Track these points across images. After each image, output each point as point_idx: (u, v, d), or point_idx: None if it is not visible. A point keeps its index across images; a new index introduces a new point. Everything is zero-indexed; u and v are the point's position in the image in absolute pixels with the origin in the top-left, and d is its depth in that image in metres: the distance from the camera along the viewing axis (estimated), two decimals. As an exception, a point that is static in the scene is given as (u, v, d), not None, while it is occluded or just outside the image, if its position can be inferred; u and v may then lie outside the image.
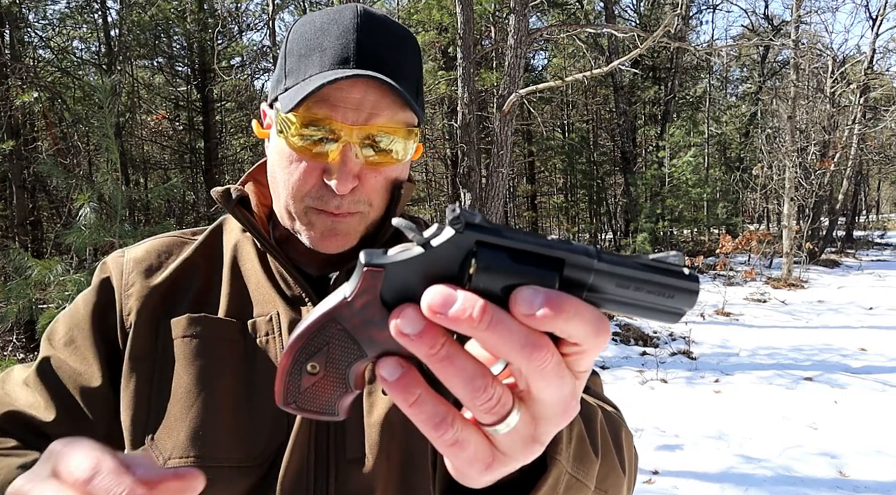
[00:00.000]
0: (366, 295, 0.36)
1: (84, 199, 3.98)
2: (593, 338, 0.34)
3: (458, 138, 6.81)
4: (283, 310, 0.74)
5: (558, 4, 15.03)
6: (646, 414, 4.78)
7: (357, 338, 0.37)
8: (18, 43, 9.92)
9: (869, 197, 35.33)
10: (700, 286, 0.37)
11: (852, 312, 8.65)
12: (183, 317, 0.73)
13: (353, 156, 0.69)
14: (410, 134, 0.74)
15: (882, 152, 21.56)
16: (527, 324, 0.33)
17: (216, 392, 0.70)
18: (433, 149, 15.82)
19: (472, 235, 0.35)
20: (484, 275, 0.34)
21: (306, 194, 0.72)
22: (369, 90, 0.69)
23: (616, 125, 17.19)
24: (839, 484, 3.58)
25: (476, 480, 0.39)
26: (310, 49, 0.71)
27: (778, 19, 20.92)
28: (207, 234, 0.83)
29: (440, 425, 0.35)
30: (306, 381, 0.38)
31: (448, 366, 0.33)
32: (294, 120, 0.69)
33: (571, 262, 0.35)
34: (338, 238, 0.74)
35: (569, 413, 0.36)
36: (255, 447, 0.68)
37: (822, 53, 15.19)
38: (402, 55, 0.74)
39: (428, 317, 0.33)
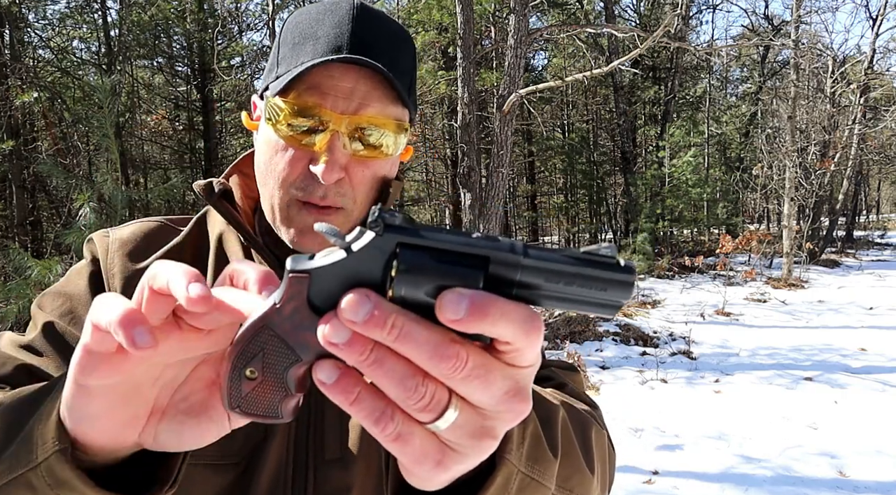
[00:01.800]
0: (293, 301, 0.36)
1: (84, 199, 3.98)
2: (523, 338, 0.34)
3: (458, 138, 6.81)
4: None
5: (558, 4, 15.03)
6: (646, 414, 4.78)
7: (290, 343, 0.37)
8: (18, 43, 9.92)
9: (869, 197, 35.33)
10: (634, 277, 0.36)
11: (852, 312, 8.65)
12: None
13: (341, 147, 0.68)
14: (401, 129, 0.72)
15: (882, 152, 21.56)
16: (454, 329, 0.33)
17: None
18: (433, 149, 15.81)
19: (393, 237, 0.34)
20: (405, 277, 0.34)
21: (291, 184, 0.70)
22: (361, 79, 0.68)
23: (616, 125, 17.20)
24: (839, 484, 3.58)
25: (430, 479, 0.38)
26: (303, 38, 0.70)
27: (778, 19, 20.93)
28: (193, 225, 0.82)
29: (380, 420, 0.35)
30: (246, 386, 0.38)
31: (377, 369, 0.34)
32: (283, 107, 0.68)
33: (496, 260, 0.34)
34: (317, 237, 0.71)
35: (516, 408, 0.36)
36: (231, 444, 0.67)
37: (822, 53, 15.20)
38: (398, 50, 0.73)
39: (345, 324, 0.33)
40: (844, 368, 5.90)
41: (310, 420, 0.69)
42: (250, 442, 0.67)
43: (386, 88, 0.70)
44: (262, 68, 13.53)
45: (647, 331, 7.49)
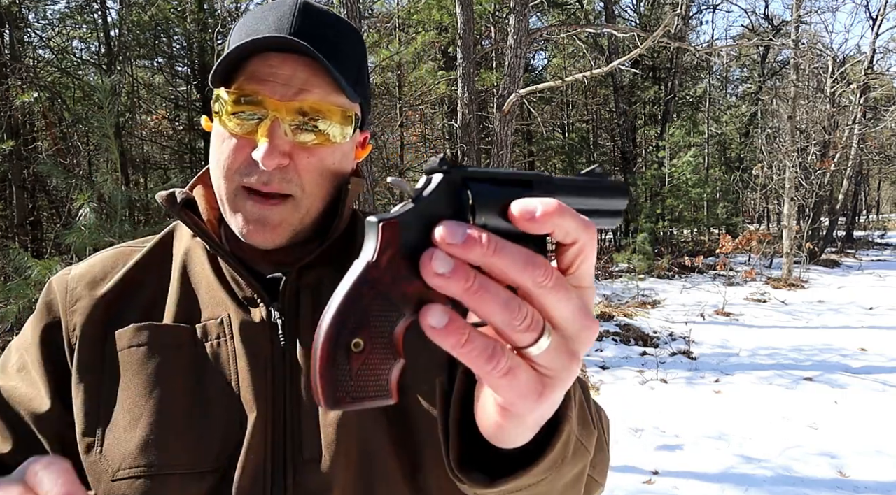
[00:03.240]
0: (388, 250, 0.37)
1: (84, 199, 3.98)
2: (585, 231, 0.38)
3: (458, 138, 6.81)
4: (233, 312, 0.72)
5: (558, 4, 15.03)
6: (646, 414, 4.78)
7: (393, 298, 0.37)
8: (18, 43, 9.92)
9: (869, 197, 35.33)
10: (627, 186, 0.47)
11: (852, 312, 8.65)
12: (129, 326, 0.72)
13: (282, 133, 0.68)
14: (347, 119, 0.72)
15: (882, 152, 21.56)
16: (530, 227, 0.37)
17: (165, 399, 0.68)
18: (433, 149, 15.81)
19: (458, 173, 0.39)
20: (481, 202, 0.38)
21: (236, 171, 0.70)
22: (300, 67, 0.69)
23: (616, 125, 17.19)
24: (839, 485, 3.58)
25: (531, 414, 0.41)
26: (248, 33, 0.71)
27: (778, 19, 20.93)
28: (156, 242, 0.81)
29: (493, 356, 0.36)
30: (355, 363, 0.36)
31: (484, 294, 0.35)
32: (226, 99, 0.69)
33: (537, 181, 0.42)
34: (266, 229, 0.71)
35: (590, 325, 0.39)
36: (208, 452, 0.67)
37: (822, 53, 15.20)
38: (340, 41, 0.73)
39: (444, 249, 0.35)
40: (844, 368, 5.90)
41: (286, 420, 0.69)
42: (228, 446, 0.67)
43: (326, 76, 0.70)
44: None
45: (647, 331, 7.49)
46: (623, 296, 9.97)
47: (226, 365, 0.70)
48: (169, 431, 0.67)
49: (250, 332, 0.71)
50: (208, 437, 0.67)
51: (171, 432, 0.67)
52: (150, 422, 0.67)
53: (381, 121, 14.58)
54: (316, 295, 0.75)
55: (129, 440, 0.67)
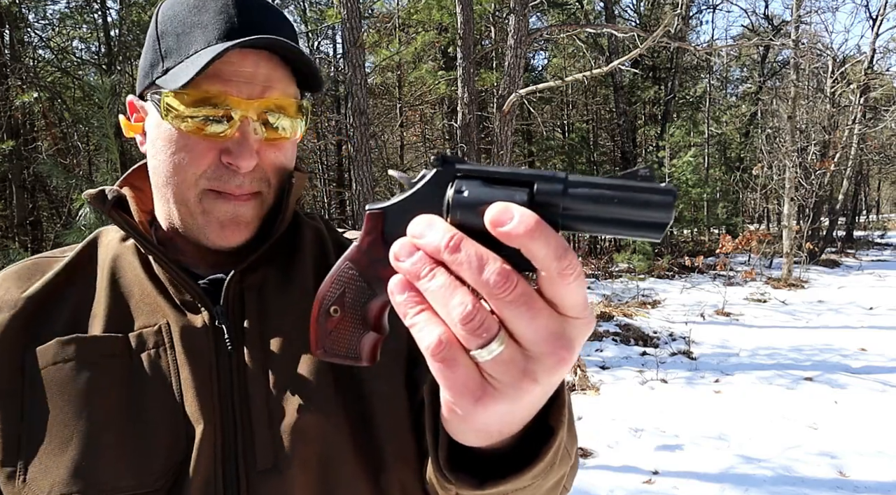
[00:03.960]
0: (370, 235, 0.42)
1: (84, 199, 3.97)
2: (555, 263, 0.35)
3: (458, 138, 6.81)
4: (173, 318, 0.68)
5: (558, 4, 15.02)
6: (646, 414, 4.78)
7: (367, 278, 0.42)
8: (18, 43, 9.92)
9: (869, 197, 35.32)
10: (674, 195, 0.36)
11: (852, 312, 8.65)
12: (51, 342, 0.65)
13: (253, 132, 0.66)
14: (300, 112, 0.71)
15: (882, 152, 21.55)
16: (499, 235, 0.35)
17: (98, 417, 0.63)
18: (433, 149, 15.80)
19: (451, 170, 0.39)
20: (459, 199, 0.38)
21: (202, 175, 0.67)
22: (261, 62, 0.67)
23: (616, 125, 17.19)
24: (839, 485, 3.58)
25: (468, 417, 0.40)
26: (188, 27, 0.67)
27: (778, 19, 20.93)
28: (78, 251, 0.75)
29: (436, 338, 0.37)
30: (330, 324, 0.43)
31: (436, 286, 0.37)
32: (181, 100, 0.65)
33: (541, 182, 0.37)
34: (240, 227, 0.69)
35: (559, 353, 0.37)
36: (150, 470, 0.62)
37: (822, 53, 15.19)
38: (284, 30, 0.71)
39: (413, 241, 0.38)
40: (844, 368, 5.90)
41: (236, 430, 0.65)
42: (171, 462, 0.63)
43: (283, 69, 0.69)
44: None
45: (647, 331, 7.49)
46: (623, 296, 9.97)
47: (166, 375, 0.65)
48: (104, 452, 0.62)
49: (192, 339, 0.67)
50: (150, 455, 0.62)
51: (107, 452, 0.62)
52: (82, 444, 0.61)
53: (381, 121, 14.57)
54: (262, 295, 0.71)
55: (59, 464, 0.61)
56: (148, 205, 0.77)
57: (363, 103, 6.61)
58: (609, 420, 4.65)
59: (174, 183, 0.68)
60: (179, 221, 0.71)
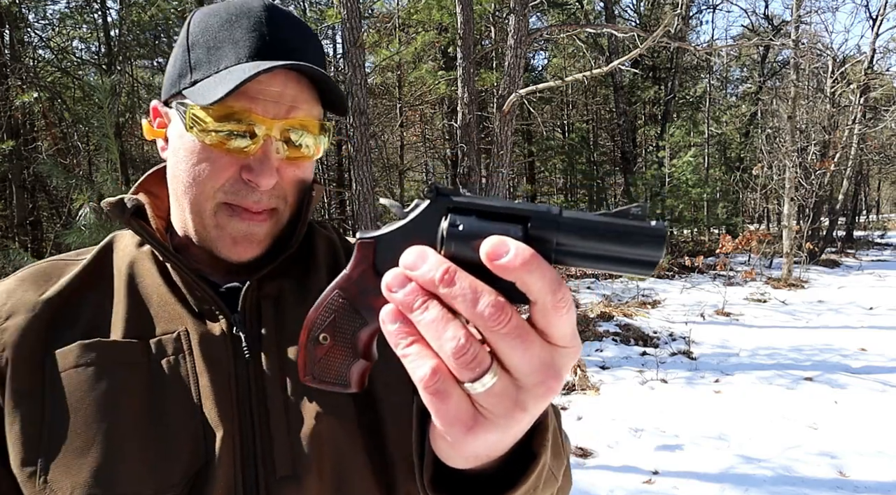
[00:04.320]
0: (361, 265, 0.42)
1: (84, 199, 3.98)
2: (550, 296, 0.36)
3: (458, 138, 6.81)
4: (191, 325, 0.69)
5: (558, 4, 15.03)
6: (646, 414, 4.78)
7: (357, 307, 0.42)
8: (18, 43, 9.92)
9: (869, 197, 35.32)
10: (665, 233, 0.38)
11: (852, 312, 8.64)
12: (73, 345, 0.66)
13: (275, 151, 0.68)
14: (323, 131, 0.73)
15: (882, 152, 21.55)
16: (494, 268, 0.36)
17: (119, 421, 0.63)
18: (433, 149, 15.81)
19: (444, 202, 0.40)
20: (453, 233, 0.38)
21: (219, 189, 0.68)
22: (289, 83, 0.68)
23: (616, 125, 17.19)
24: (839, 485, 3.58)
25: (458, 444, 0.41)
26: (219, 41, 0.69)
27: (778, 19, 20.93)
28: (94, 255, 0.76)
29: (427, 370, 0.37)
30: (319, 351, 0.43)
31: (429, 320, 0.37)
32: (210, 114, 0.66)
33: (536, 217, 0.38)
34: (252, 244, 0.71)
35: (549, 383, 0.38)
36: (169, 475, 0.62)
37: (822, 53, 15.19)
38: (312, 49, 0.73)
39: (405, 273, 0.38)
40: (844, 368, 5.90)
41: (255, 438, 0.66)
42: (192, 468, 0.63)
43: (310, 90, 0.70)
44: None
45: (647, 331, 7.49)
46: (623, 296, 9.97)
47: (185, 382, 0.66)
48: (125, 455, 0.62)
49: (211, 346, 0.68)
50: (170, 460, 0.63)
51: (129, 457, 0.62)
52: (104, 447, 0.62)
53: (381, 121, 14.57)
54: (278, 305, 0.73)
55: (81, 467, 0.62)
56: (164, 210, 0.78)
57: (363, 103, 6.61)
58: (609, 420, 4.65)
59: (192, 193, 0.69)
60: (193, 231, 0.72)
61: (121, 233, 0.79)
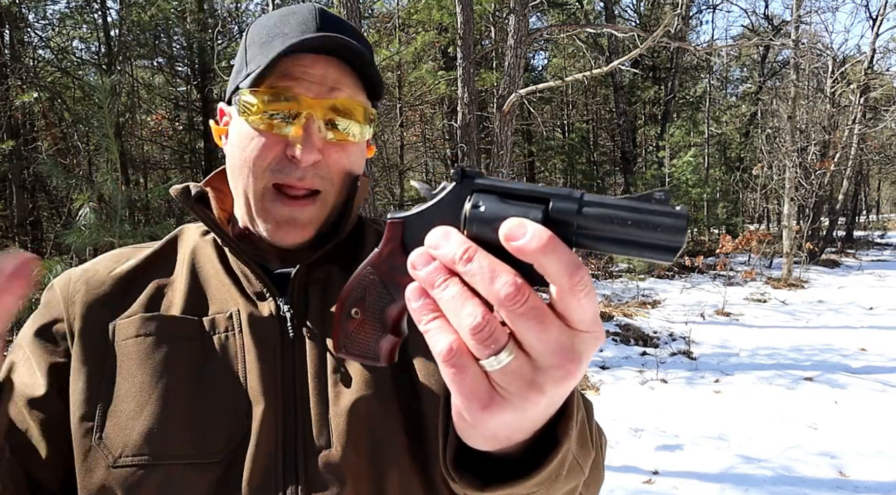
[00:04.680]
0: (390, 244, 0.44)
1: (84, 199, 3.98)
2: (567, 279, 0.36)
3: (458, 138, 6.81)
4: (242, 306, 0.74)
5: (558, 4, 15.02)
6: (646, 414, 4.78)
7: (386, 284, 0.44)
8: (18, 43, 9.92)
9: (869, 197, 35.31)
10: (686, 219, 0.37)
11: (852, 312, 8.64)
12: (136, 316, 0.73)
13: (316, 130, 0.71)
14: (368, 119, 0.76)
15: (882, 152, 21.56)
16: (512, 249, 0.37)
17: (171, 389, 0.68)
18: (433, 149, 15.81)
19: (469, 184, 0.41)
20: (475, 214, 0.39)
21: (267, 168, 0.72)
22: (331, 67, 0.72)
23: (616, 125, 17.19)
24: (839, 485, 3.58)
25: (477, 424, 0.42)
26: (270, 37, 0.74)
27: (778, 19, 20.93)
28: (164, 242, 0.83)
29: (448, 345, 0.39)
30: (351, 325, 0.46)
31: (450, 296, 0.38)
32: (256, 98, 0.71)
33: (557, 200, 0.39)
34: (296, 229, 0.74)
35: (567, 367, 0.38)
36: (212, 443, 0.66)
37: (822, 53, 15.19)
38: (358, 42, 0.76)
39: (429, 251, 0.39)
40: (844, 368, 5.90)
41: (296, 412, 0.69)
42: (234, 439, 0.67)
43: (353, 76, 0.74)
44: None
45: (647, 331, 7.49)
46: (623, 295, 9.96)
47: (233, 357, 0.71)
48: (174, 421, 0.67)
49: (259, 325, 0.72)
50: (214, 428, 0.67)
51: (176, 422, 0.67)
52: (155, 411, 0.67)
53: (381, 121, 14.56)
54: (325, 290, 0.76)
55: (133, 427, 0.66)
56: (227, 204, 0.83)
57: (363, 103, 6.60)
58: (609, 420, 4.64)
59: (244, 175, 0.74)
60: (246, 215, 0.77)
61: (188, 225, 0.86)
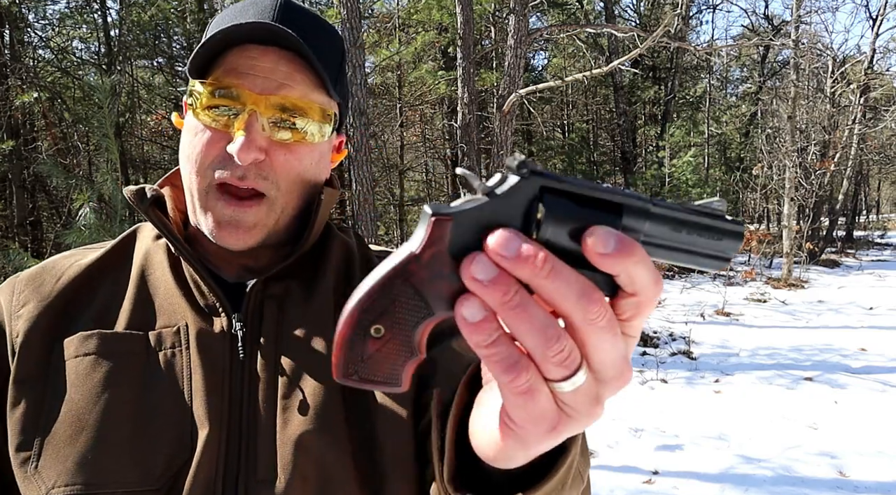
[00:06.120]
0: (434, 246, 0.34)
1: (84, 199, 3.98)
2: (653, 287, 0.35)
3: (458, 138, 6.82)
4: (192, 320, 0.68)
5: (558, 4, 15.02)
6: (646, 414, 4.78)
7: (424, 294, 0.35)
8: (18, 43, 9.92)
9: (869, 197, 35.31)
10: (744, 229, 0.39)
11: (852, 312, 8.64)
12: (76, 335, 0.66)
13: (259, 127, 0.65)
14: (325, 118, 0.70)
15: (882, 152, 21.56)
16: (597, 261, 0.34)
17: (110, 412, 0.63)
18: (433, 149, 15.81)
19: (537, 181, 0.35)
20: (551, 219, 0.34)
21: (209, 165, 0.67)
22: (281, 61, 0.67)
23: (616, 125, 17.19)
24: (839, 485, 3.58)
25: (536, 445, 0.38)
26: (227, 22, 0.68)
27: (778, 19, 20.93)
28: (115, 244, 0.76)
29: (514, 368, 0.34)
30: (371, 347, 0.36)
31: (521, 313, 0.33)
32: (202, 90, 0.67)
33: (630, 207, 0.36)
34: (238, 230, 0.68)
35: (625, 376, 0.37)
36: (151, 469, 0.62)
37: (822, 53, 15.19)
38: (322, 40, 0.71)
39: (492, 259, 0.33)
40: (844, 368, 5.90)
41: (241, 437, 0.65)
42: (174, 464, 0.62)
43: (308, 72, 0.68)
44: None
45: (647, 331, 7.49)
46: (623, 296, 9.96)
47: (179, 376, 0.65)
48: (111, 446, 0.62)
49: (208, 343, 0.67)
50: (154, 454, 0.62)
51: (114, 447, 0.62)
52: (92, 436, 0.62)
53: (381, 121, 14.58)
54: (281, 307, 0.71)
55: (68, 455, 0.61)
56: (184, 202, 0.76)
57: (363, 103, 6.61)
58: (609, 420, 4.64)
59: (188, 171, 0.69)
60: (193, 214, 0.71)
61: (145, 224, 0.79)
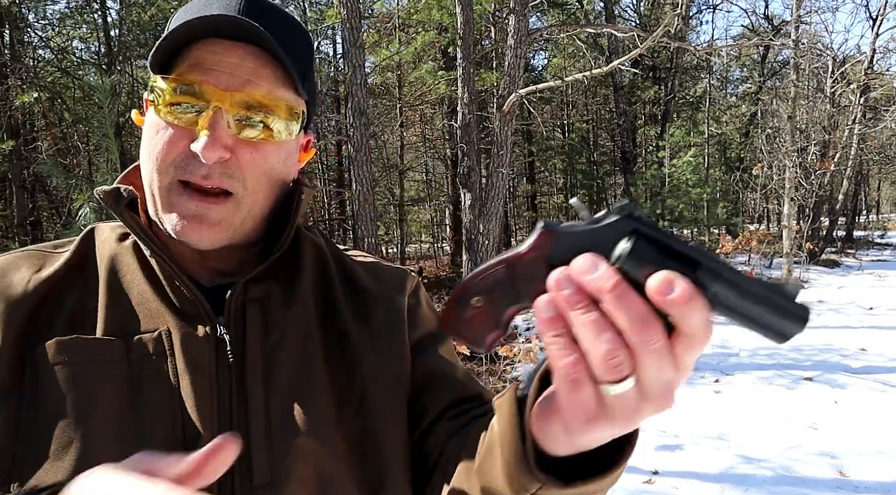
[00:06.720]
0: (536, 251, 0.45)
1: (84, 199, 3.98)
2: (704, 335, 0.41)
3: (458, 138, 6.82)
4: (173, 325, 0.65)
5: (558, 4, 15.01)
6: (646, 415, 4.78)
7: (517, 285, 0.45)
8: (18, 43, 9.92)
9: (869, 197, 35.32)
10: (809, 316, 0.42)
11: (852, 312, 8.64)
12: (51, 342, 0.62)
13: (224, 125, 0.63)
14: (293, 116, 0.68)
15: (882, 152, 21.56)
16: (657, 300, 0.39)
17: (96, 422, 0.60)
18: (433, 149, 15.82)
19: (631, 223, 0.43)
20: (634, 257, 0.41)
21: (171, 163, 0.64)
22: (248, 57, 0.64)
23: (616, 125, 17.19)
24: (839, 485, 3.57)
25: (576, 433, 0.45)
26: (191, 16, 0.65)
27: (778, 19, 20.92)
28: (76, 246, 0.72)
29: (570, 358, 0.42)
30: (470, 312, 0.47)
31: (587, 321, 0.40)
32: (164, 87, 0.64)
33: (705, 266, 0.42)
34: (203, 226, 0.65)
35: (667, 399, 0.42)
36: None
37: (822, 53, 15.18)
38: (290, 36, 0.69)
39: (573, 273, 0.41)
40: (844, 368, 5.90)
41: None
42: None
43: (275, 68, 0.66)
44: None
45: (647, 331, 7.48)
46: (623, 296, 9.95)
47: (167, 384, 0.63)
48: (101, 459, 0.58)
49: (194, 348, 0.65)
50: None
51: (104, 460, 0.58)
52: (80, 450, 0.59)
53: (381, 121, 14.58)
54: (264, 310, 0.69)
55: (57, 470, 0.58)
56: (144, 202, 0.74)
57: (363, 103, 6.61)
58: (609, 420, 4.65)
59: (148, 170, 0.66)
60: (154, 214, 0.68)
61: (101, 224, 0.76)
